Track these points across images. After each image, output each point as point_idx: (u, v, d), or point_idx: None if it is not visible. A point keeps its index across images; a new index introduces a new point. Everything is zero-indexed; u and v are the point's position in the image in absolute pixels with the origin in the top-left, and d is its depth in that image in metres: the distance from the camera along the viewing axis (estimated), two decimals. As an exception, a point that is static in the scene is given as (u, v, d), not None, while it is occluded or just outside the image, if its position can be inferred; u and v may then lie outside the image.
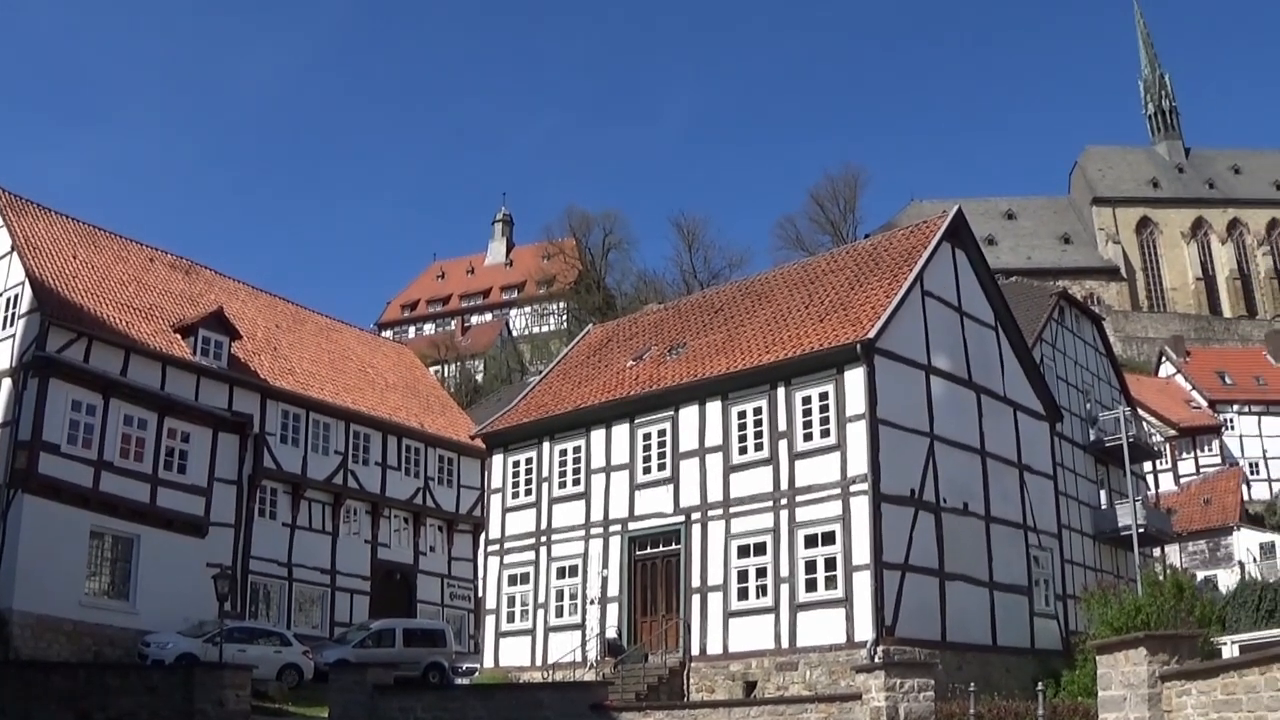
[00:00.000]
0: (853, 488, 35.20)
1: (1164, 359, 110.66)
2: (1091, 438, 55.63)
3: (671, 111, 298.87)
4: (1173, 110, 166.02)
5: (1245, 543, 77.01)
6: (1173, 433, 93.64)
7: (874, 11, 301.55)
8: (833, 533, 35.38)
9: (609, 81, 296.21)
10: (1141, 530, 54.59)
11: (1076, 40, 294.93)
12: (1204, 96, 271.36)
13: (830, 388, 36.55)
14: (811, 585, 35.64)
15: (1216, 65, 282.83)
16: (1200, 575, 64.18)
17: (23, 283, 45.20)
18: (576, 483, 42.93)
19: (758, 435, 38.08)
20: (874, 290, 39.51)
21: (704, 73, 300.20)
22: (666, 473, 40.24)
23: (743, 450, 38.36)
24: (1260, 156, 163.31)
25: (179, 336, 49.21)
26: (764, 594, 36.63)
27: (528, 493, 44.47)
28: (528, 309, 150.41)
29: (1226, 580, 68.31)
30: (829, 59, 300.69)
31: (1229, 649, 36.81)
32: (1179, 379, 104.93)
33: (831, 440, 36.14)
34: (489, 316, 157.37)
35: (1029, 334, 48.16)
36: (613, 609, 40.56)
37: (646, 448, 41.13)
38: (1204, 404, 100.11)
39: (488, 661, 44.08)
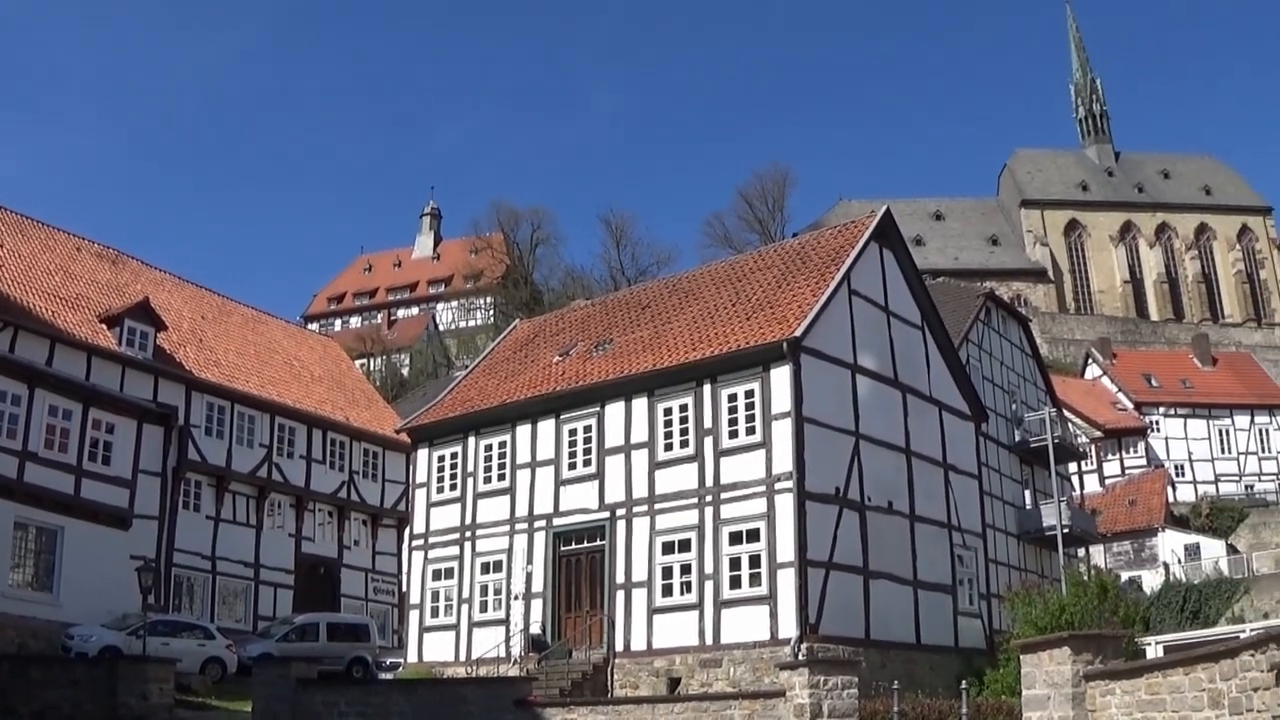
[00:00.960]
0: (778, 485, 35.28)
1: (1090, 361, 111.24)
2: (1017, 438, 55.95)
3: (601, 107, 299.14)
4: (1103, 114, 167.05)
5: (1170, 544, 77.74)
6: (1098, 434, 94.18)
7: (805, 9, 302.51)
8: (757, 530, 35.47)
9: (539, 76, 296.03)
10: (1066, 530, 54.97)
11: (1008, 43, 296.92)
12: (1134, 101, 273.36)
13: (756, 385, 36.61)
14: (736, 582, 35.69)
15: (1147, 70, 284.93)
16: (1125, 576, 64.53)
17: (-54, 272, 44.82)
18: (502, 478, 42.80)
19: (683, 432, 38.13)
20: (801, 289, 39.57)
21: (634, 69, 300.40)
22: (592, 469, 40.19)
23: (668, 447, 38.39)
24: (1189, 161, 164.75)
25: (104, 327, 48.91)
26: (688, 590, 36.66)
27: (453, 488, 44.30)
28: (454, 303, 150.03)
29: (1151, 581, 69.07)
30: (759, 56, 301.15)
31: (1153, 649, 37.02)
32: (1105, 381, 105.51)
33: (757, 438, 36.20)
34: (415, 310, 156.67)
35: (955, 334, 48.29)
36: (537, 605, 40.46)
37: (572, 443, 41.04)
38: (1130, 406, 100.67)
39: (411, 656, 43.85)
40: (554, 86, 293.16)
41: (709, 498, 36.87)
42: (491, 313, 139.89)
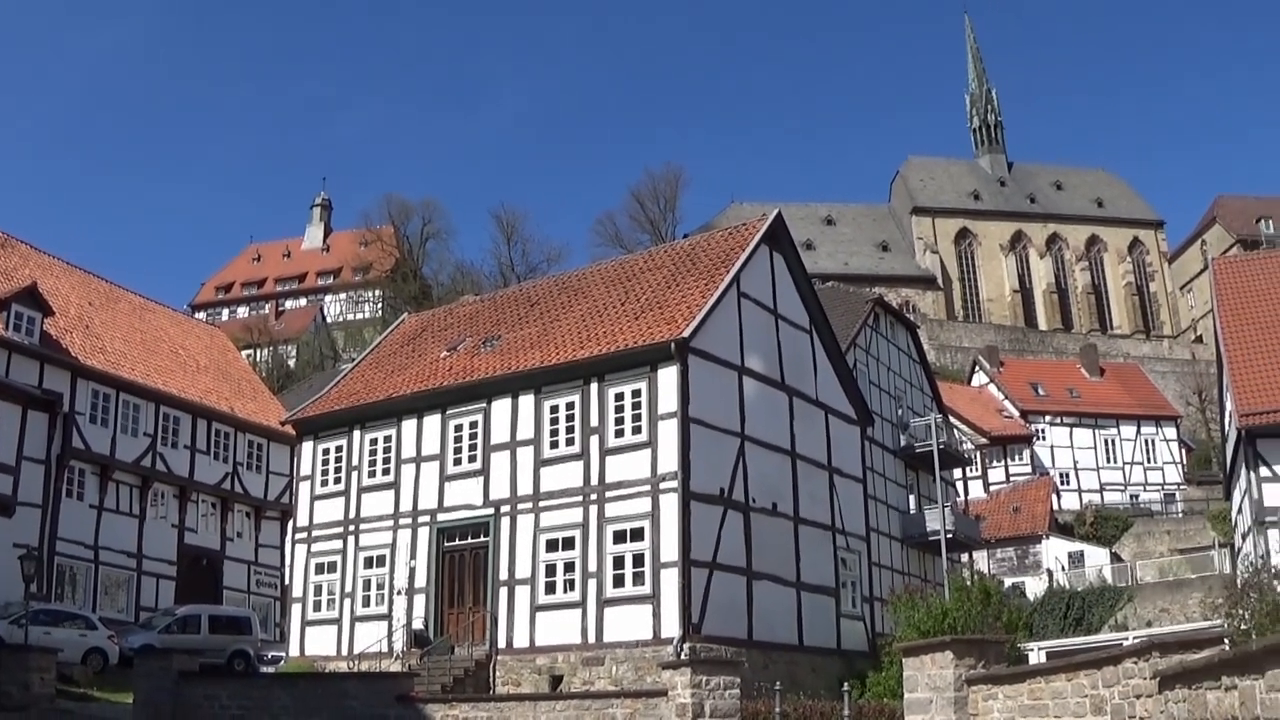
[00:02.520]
0: (662, 485, 35.35)
1: (978, 368, 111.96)
2: (902, 443, 56.33)
3: (498, 103, 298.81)
4: (997, 125, 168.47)
5: (1054, 551, 78.50)
6: (984, 441, 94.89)
7: (703, 10, 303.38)
8: (642, 529, 35.51)
9: (436, 70, 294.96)
10: (950, 536, 55.43)
11: (906, 51, 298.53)
12: (1029, 113, 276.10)
13: (643, 385, 36.66)
14: (619, 581, 35.72)
15: (1044, 83, 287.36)
16: (1008, 582, 65.13)
17: None
18: (386, 472, 42.53)
19: (569, 430, 38.08)
20: (690, 290, 39.67)
21: (532, 65, 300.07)
22: (477, 465, 40.04)
23: (554, 444, 38.34)
24: (1083, 174, 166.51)
25: (-9, 311, 48.31)
26: (571, 588, 36.65)
27: (337, 481, 43.97)
28: (343, 295, 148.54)
29: (1034, 587, 69.54)
30: (656, 57, 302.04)
31: (1035, 655, 37.38)
32: (992, 388, 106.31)
33: (643, 437, 36.26)
34: (304, 302, 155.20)
35: (843, 339, 48.55)
36: (420, 600, 40.25)
37: (458, 439, 40.87)
38: (1016, 414, 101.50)
39: (293, 650, 43.53)
40: (452, 82, 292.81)
41: (594, 496, 36.86)
42: (380, 306, 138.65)
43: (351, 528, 42.93)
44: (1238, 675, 12.65)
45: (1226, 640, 18.07)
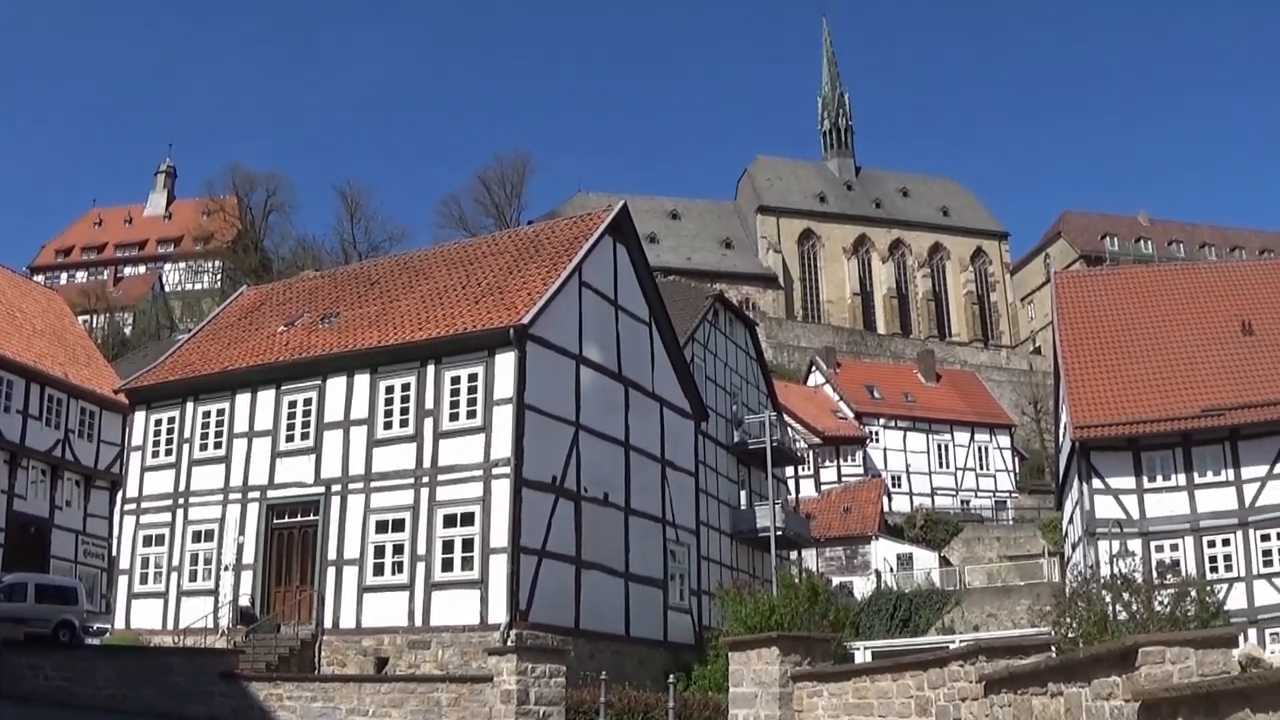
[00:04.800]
0: (495, 470, 35.37)
1: (814, 368, 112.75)
2: (736, 439, 56.59)
3: (349, 78, 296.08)
4: (848, 129, 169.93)
5: (883, 552, 79.25)
6: (817, 441, 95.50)
7: None
8: (472, 514, 35.51)
9: (288, 40, 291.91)
10: (780, 533, 55.79)
11: (761, 50, 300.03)
12: (881, 119, 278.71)
13: (480, 369, 36.67)
14: (448, 565, 35.71)
15: (896, 90, 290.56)
16: (836, 581, 65.80)
17: None
18: (218, 446, 42.04)
19: (404, 411, 37.96)
20: (532, 277, 39.71)
21: (385, 42, 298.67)
22: (310, 442, 39.76)
23: (388, 425, 38.20)
24: (930, 182, 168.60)
25: None
26: (400, 571, 36.54)
27: (168, 453, 43.35)
28: (183, 265, 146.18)
29: (862, 587, 70.33)
30: (510, 42, 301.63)
31: (862, 654, 37.80)
32: (828, 389, 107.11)
33: (478, 422, 36.26)
34: (143, 269, 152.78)
35: (682, 333, 48.76)
36: (247, 577, 39.90)
37: (291, 415, 40.55)
38: (850, 415, 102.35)
39: (119, 623, 42.84)
40: (303, 53, 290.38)
41: (425, 479, 36.79)
42: (219, 277, 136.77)
43: (181, 501, 42.40)
44: (1064, 682, 12.93)
45: (1053, 648, 18.39)
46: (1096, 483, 47.61)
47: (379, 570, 37.05)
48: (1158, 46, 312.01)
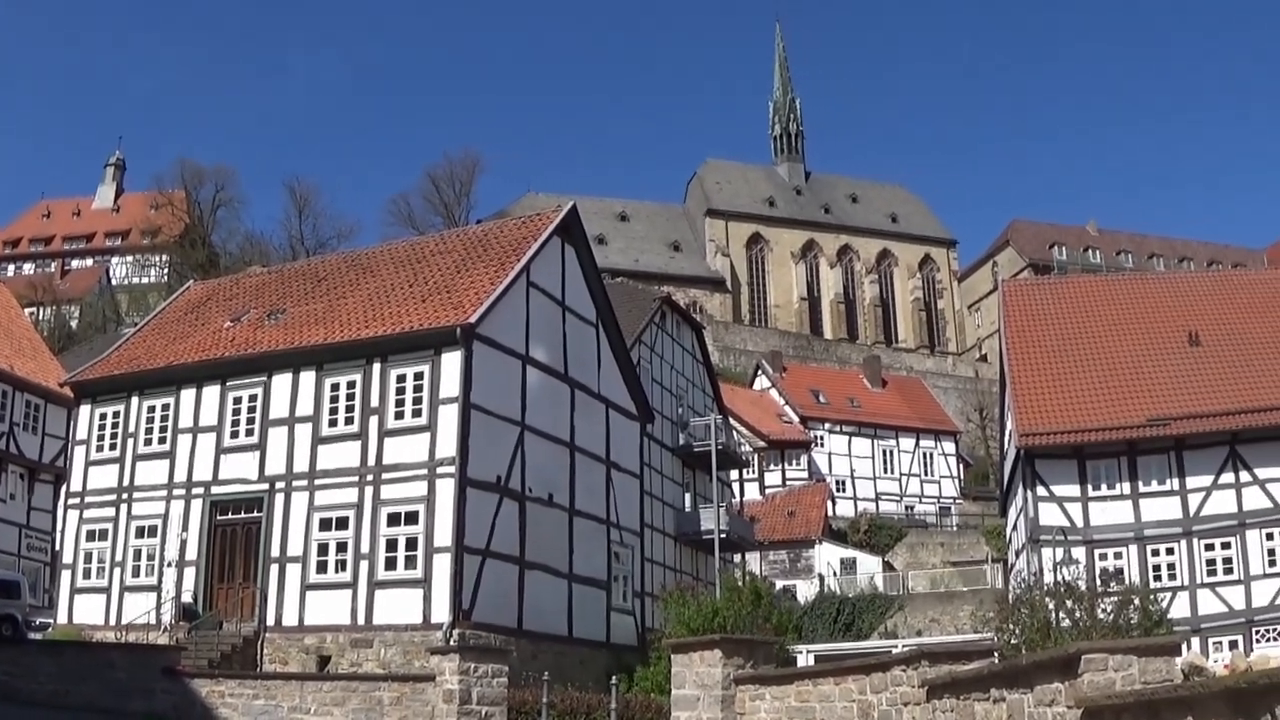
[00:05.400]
0: (440, 470, 35.38)
1: (760, 372, 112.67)
2: (681, 441, 56.55)
3: (300, 74, 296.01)
4: (799, 134, 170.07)
5: (826, 556, 79.32)
6: (762, 444, 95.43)
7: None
8: (416, 513, 35.50)
9: (241, 35, 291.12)
10: (724, 536, 55.82)
11: (714, 54, 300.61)
12: (832, 124, 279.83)
13: (426, 368, 36.65)
14: (392, 564, 35.67)
15: (848, 96, 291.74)
16: (780, 584, 65.78)
17: None
18: (163, 441, 41.80)
19: (349, 409, 37.88)
20: (479, 276, 39.69)
21: (338, 38, 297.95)
22: (254, 439, 39.61)
23: (333, 423, 38.11)
24: (879, 188, 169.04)
25: None
26: (343, 569, 36.47)
27: (113, 447, 43.08)
28: (130, 258, 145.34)
29: (805, 591, 70.40)
30: (461, 42, 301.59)
31: (804, 658, 37.85)
32: (773, 393, 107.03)
33: (423, 421, 36.26)
34: (90, 262, 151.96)
35: (629, 335, 48.76)
36: (190, 573, 39.71)
37: (236, 411, 40.38)
38: (796, 419, 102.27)
39: (61, 618, 42.56)
40: (256, 49, 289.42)
41: (370, 477, 36.75)
42: (166, 271, 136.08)
43: (125, 496, 42.16)
44: (1006, 688, 13.00)
45: (996, 654, 18.47)
46: (1041, 490, 47.83)
47: (322, 568, 36.96)
48: (1109, 59, 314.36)
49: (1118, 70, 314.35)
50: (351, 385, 38.08)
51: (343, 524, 36.87)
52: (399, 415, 36.93)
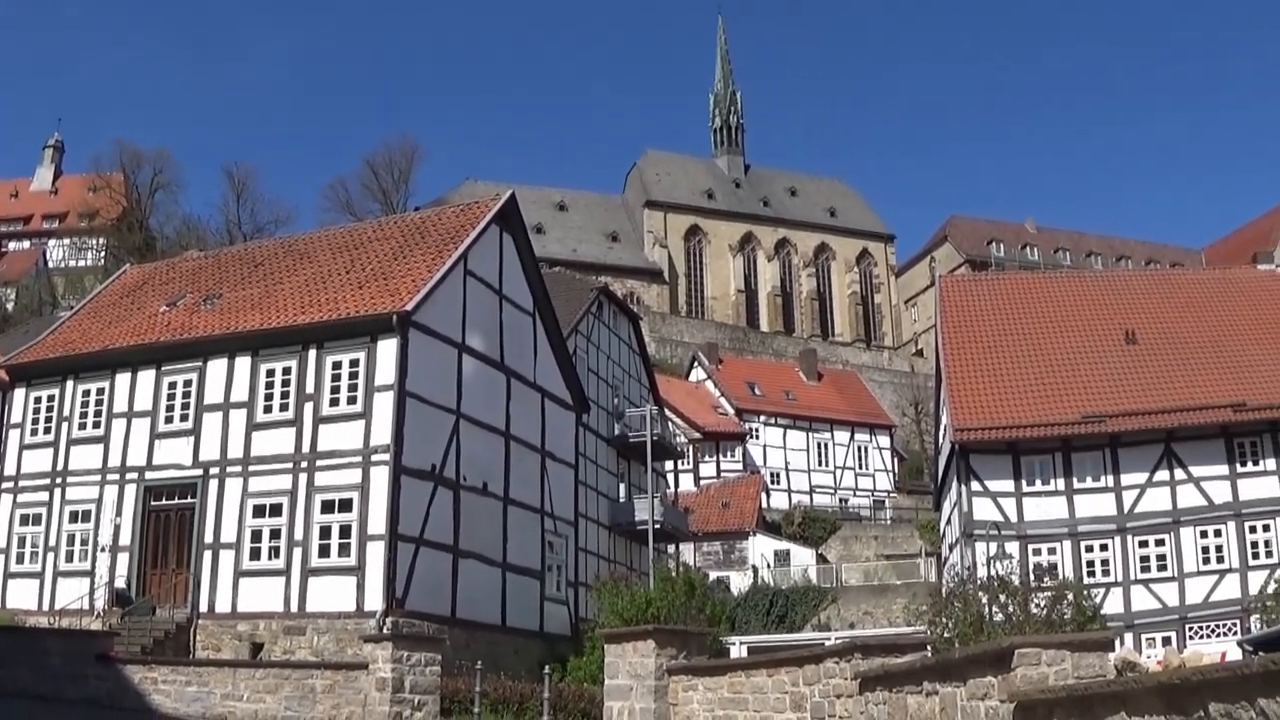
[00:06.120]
0: (374, 457, 35.39)
1: (697, 364, 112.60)
2: (617, 432, 56.56)
3: (240, 60, 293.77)
4: (739, 127, 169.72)
5: (760, 548, 79.44)
6: (697, 436, 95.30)
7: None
8: (350, 500, 35.51)
9: (181, 19, 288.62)
10: (658, 526, 55.94)
11: (656, 46, 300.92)
12: (772, 118, 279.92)
13: (362, 355, 36.66)
14: (325, 551, 35.66)
15: (789, 90, 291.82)
16: (713, 575, 65.77)
17: None
18: (97, 425, 41.60)
19: (284, 395, 37.83)
20: (417, 264, 39.70)
21: (276, 25, 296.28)
22: (189, 424, 39.45)
23: (268, 409, 38.04)
24: (817, 182, 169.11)
25: None
26: (276, 556, 36.44)
27: (47, 431, 42.84)
28: (67, 241, 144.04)
29: (739, 583, 70.44)
30: (404, 27, 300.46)
31: (737, 649, 37.88)
32: (709, 385, 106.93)
33: (358, 408, 36.26)
34: (27, 244, 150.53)
35: (566, 325, 48.80)
36: (124, 558, 39.53)
37: (170, 397, 40.20)
38: (731, 411, 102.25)
39: (-7, 602, 42.54)
40: (198, 31, 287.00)
41: (304, 464, 36.71)
42: (103, 254, 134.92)
43: (59, 480, 41.95)
44: (939, 681, 13.06)
45: (929, 647, 18.58)
46: (975, 485, 48.06)
47: (255, 555, 36.90)
48: (1049, 57, 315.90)
49: (1058, 70, 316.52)
50: (287, 371, 38.01)
51: (276, 511, 36.79)
52: (334, 402, 36.89)
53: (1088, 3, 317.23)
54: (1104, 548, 47.28)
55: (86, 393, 42.33)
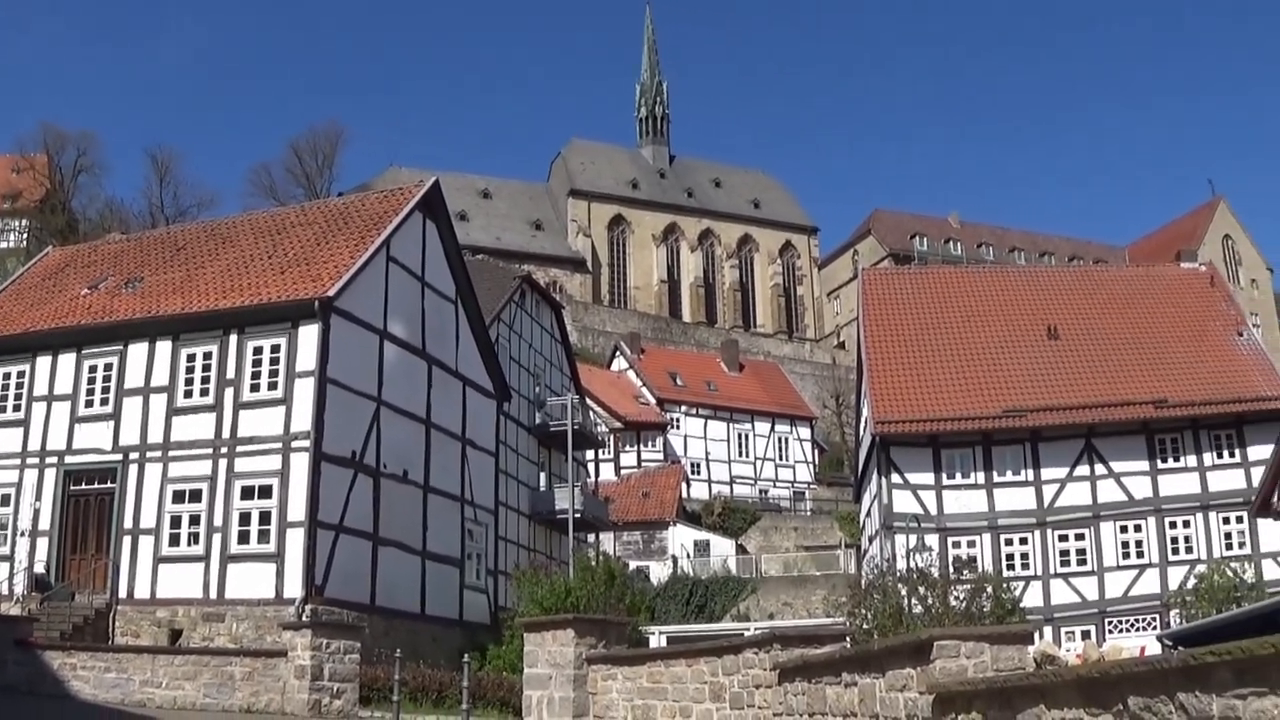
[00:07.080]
0: (294, 444, 35.37)
1: (619, 353, 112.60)
2: (538, 420, 56.72)
3: (165, 41, 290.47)
4: (664, 117, 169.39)
5: (680, 538, 79.53)
6: (619, 425, 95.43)
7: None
8: (270, 486, 35.48)
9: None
10: (578, 515, 56.16)
11: (582, 34, 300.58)
12: (698, 109, 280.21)
13: (283, 341, 36.61)
14: (245, 537, 35.60)
15: (715, 81, 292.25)
16: (633, 565, 65.90)
17: None
18: (17, 409, 41.21)
19: (205, 380, 37.67)
20: (339, 249, 39.68)
21: (206, 5, 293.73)
22: (109, 408, 39.21)
23: (188, 394, 37.87)
24: (741, 174, 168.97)
25: None
26: (196, 542, 36.29)
27: (-34, 414, 42.62)
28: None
29: (659, 573, 70.52)
30: (330, 10, 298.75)
31: (657, 639, 38.08)
32: (631, 375, 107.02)
33: (279, 394, 36.20)
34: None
35: (488, 313, 48.89)
36: (43, 543, 39.21)
37: (91, 380, 39.93)
38: (653, 401, 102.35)
39: (-88, 587, 42.14)
40: (123, 12, 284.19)
41: (224, 450, 36.59)
42: (25, 236, 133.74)
43: (-24, 465, 41.65)
44: (858, 673, 13.20)
45: (848, 638, 18.72)
46: (895, 477, 48.41)
47: (175, 541, 36.74)
48: (973, 53, 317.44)
49: (984, 66, 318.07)
50: (208, 356, 37.86)
51: (196, 496, 36.66)
52: (255, 388, 36.81)
53: (1018, 2, 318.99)
54: (1024, 541, 47.78)
55: (6, 375, 41.91)
